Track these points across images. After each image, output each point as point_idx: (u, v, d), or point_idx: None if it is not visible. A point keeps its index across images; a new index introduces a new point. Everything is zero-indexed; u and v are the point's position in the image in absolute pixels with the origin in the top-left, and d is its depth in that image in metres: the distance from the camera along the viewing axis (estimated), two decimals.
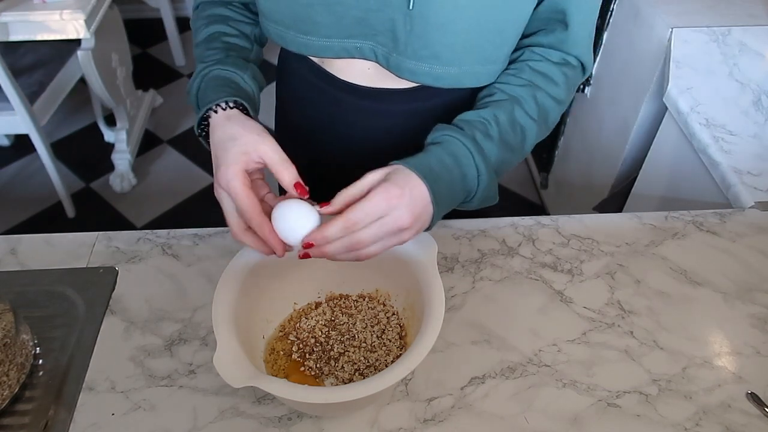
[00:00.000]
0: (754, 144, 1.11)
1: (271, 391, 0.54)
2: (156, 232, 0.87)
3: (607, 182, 1.61)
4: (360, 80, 0.75)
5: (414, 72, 0.69)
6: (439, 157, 0.62)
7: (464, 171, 0.63)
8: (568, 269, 0.83)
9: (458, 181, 0.63)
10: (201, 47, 0.74)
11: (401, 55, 0.68)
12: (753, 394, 0.70)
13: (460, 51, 0.67)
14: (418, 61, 0.68)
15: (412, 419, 0.67)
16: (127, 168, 2.26)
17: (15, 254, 0.83)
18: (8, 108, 1.82)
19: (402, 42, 0.67)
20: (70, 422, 0.65)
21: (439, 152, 0.62)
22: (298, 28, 0.69)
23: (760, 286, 0.82)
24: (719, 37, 1.27)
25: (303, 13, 0.67)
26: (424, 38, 0.65)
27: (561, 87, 0.71)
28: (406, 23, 0.65)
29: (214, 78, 0.69)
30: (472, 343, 0.74)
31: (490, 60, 0.69)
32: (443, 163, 0.62)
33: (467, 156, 0.63)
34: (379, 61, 0.70)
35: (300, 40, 0.70)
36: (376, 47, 0.69)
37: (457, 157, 0.63)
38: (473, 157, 0.63)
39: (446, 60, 0.67)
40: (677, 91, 1.24)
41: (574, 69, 0.73)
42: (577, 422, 0.67)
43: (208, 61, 0.71)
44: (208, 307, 0.77)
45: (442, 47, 0.66)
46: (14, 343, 0.66)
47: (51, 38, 1.73)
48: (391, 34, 0.67)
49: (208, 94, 0.67)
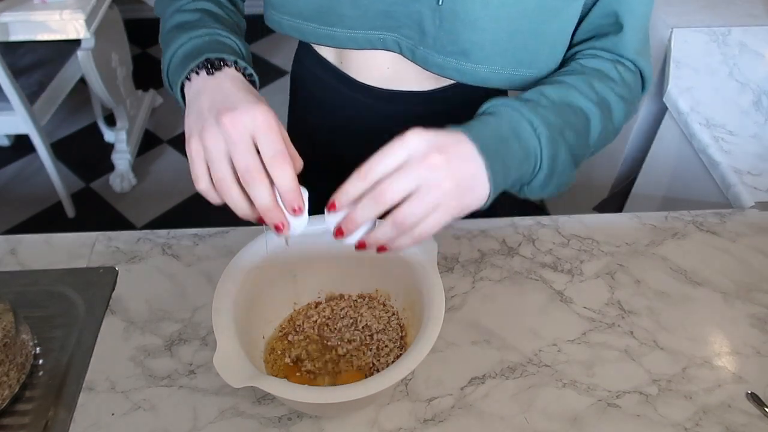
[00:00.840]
0: (754, 144, 1.11)
1: (271, 391, 0.54)
2: (156, 232, 0.87)
3: (607, 182, 1.61)
4: (378, 82, 0.75)
5: (442, 66, 0.67)
6: (494, 125, 0.55)
7: (526, 147, 0.56)
8: (568, 269, 0.83)
9: (515, 150, 0.56)
10: (191, 15, 0.66)
11: (429, 48, 0.67)
12: (753, 394, 0.70)
13: (489, 50, 0.64)
14: (447, 56, 0.66)
15: (412, 419, 0.67)
16: (127, 168, 2.26)
17: (15, 254, 0.83)
18: (8, 108, 1.82)
19: (431, 36, 0.65)
20: (70, 422, 0.65)
21: (496, 121, 0.56)
22: (321, 20, 0.67)
23: (760, 286, 0.82)
24: (719, 37, 1.27)
25: (327, 5, 0.66)
26: (454, 34, 0.64)
27: (619, 84, 0.65)
28: (435, 18, 0.64)
29: (222, 42, 0.61)
30: (472, 343, 0.74)
31: (524, 64, 0.66)
32: (500, 133, 0.55)
33: (529, 130, 0.56)
34: (403, 53, 0.69)
35: (321, 32, 0.68)
36: (401, 39, 0.68)
37: (518, 132, 0.56)
38: (538, 136, 0.56)
39: (475, 58, 0.65)
40: (677, 91, 1.24)
41: (632, 73, 0.68)
42: (577, 422, 0.67)
43: (210, 26, 0.63)
44: (208, 307, 0.77)
45: (471, 44, 0.64)
46: (14, 343, 0.66)
47: (51, 38, 1.73)
48: (417, 27, 0.66)
49: (219, 47, 0.59)
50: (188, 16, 0.65)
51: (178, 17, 0.66)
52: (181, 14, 0.66)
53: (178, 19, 0.66)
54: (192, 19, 0.65)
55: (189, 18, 0.65)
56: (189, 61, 0.59)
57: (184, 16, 0.65)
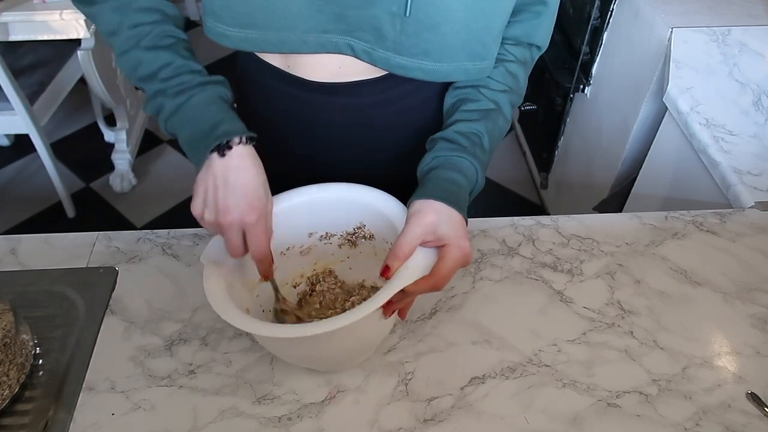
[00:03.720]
0: (754, 144, 1.11)
1: (252, 330, 0.57)
2: (156, 232, 0.87)
3: (607, 182, 1.61)
4: (328, 79, 0.74)
5: (405, 67, 0.70)
6: (455, 181, 0.67)
7: (470, 181, 0.69)
8: (568, 269, 0.83)
9: (467, 189, 0.69)
10: (168, 55, 0.68)
11: (390, 51, 0.68)
12: (753, 394, 0.70)
13: (450, 49, 0.68)
14: (410, 58, 0.69)
15: (412, 419, 0.67)
16: (127, 168, 2.26)
17: (15, 254, 0.83)
18: (8, 108, 1.82)
19: (390, 39, 0.67)
20: (70, 422, 0.65)
21: (453, 175, 0.68)
22: (272, 27, 0.67)
23: (760, 286, 0.82)
24: (719, 37, 1.27)
25: (280, 10, 0.65)
26: (416, 37, 0.67)
27: (522, 85, 0.78)
28: (395, 22, 0.66)
29: (220, 100, 0.67)
30: (472, 343, 0.74)
31: (479, 57, 0.71)
32: (457, 182, 0.67)
33: (472, 170, 0.69)
34: (357, 55, 0.70)
35: (272, 39, 0.68)
36: (354, 42, 0.69)
37: (465, 173, 0.69)
38: (477, 170, 0.69)
39: (436, 57, 0.69)
40: (677, 91, 1.24)
41: (532, 60, 0.79)
42: (577, 422, 0.67)
43: (196, 72, 0.68)
44: (208, 307, 0.77)
45: (433, 45, 0.68)
46: (14, 343, 0.66)
47: (51, 38, 1.73)
48: (374, 31, 0.67)
49: (227, 119, 0.65)
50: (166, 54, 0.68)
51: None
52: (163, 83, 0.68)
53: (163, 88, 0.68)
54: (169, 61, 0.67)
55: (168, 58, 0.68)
56: (200, 143, 0.64)
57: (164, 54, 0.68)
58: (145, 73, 0.67)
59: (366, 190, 0.71)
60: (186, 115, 0.66)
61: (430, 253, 0.64)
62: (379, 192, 0.71)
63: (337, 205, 0.72)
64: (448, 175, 0.67)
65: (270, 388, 0.69)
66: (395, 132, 0.81)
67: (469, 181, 0.68)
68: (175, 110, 0.66)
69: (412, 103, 0.79)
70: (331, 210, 0.72)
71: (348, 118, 0.79)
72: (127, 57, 0.68)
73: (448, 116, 0.74)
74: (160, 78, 0.66)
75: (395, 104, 0.78)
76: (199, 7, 3.16)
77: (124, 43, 0.67)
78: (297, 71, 0.75)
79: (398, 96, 0.78)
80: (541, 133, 2.10)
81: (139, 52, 0.67)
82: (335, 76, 0.74)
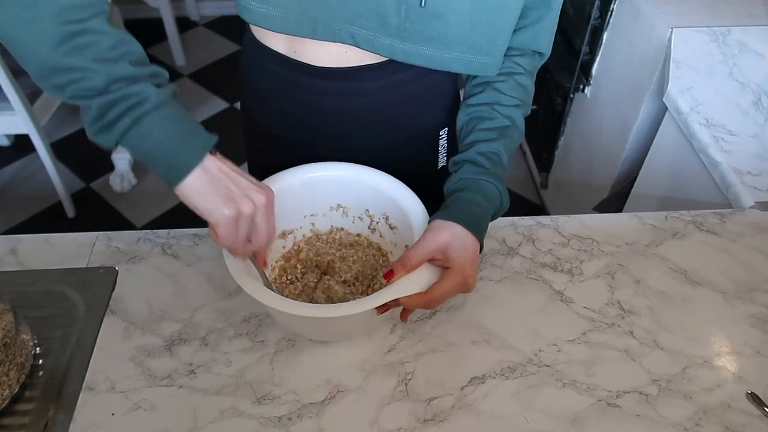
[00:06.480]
0: (754, 144, 1.11)
1: (270, 304, 0.62)
2: (156, 232, 0.87)
3: (607, 182, 1.61)
4: (335, 64, 0.76)
5: (406, 53, 0.72)
6: (478, 203, 0.69)
7: (493, 204, 0.71)
8: (568, 269, 0.83)
9: (489, 213, 0.71)
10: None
11: (392, 37, 0.70)
12: (753, 394, 0.70)
13: (453, 39, 0.70)
14: (412, 44, 0.71)
15: (412, 419, 0.67)
16: (127, 168, 2.26)
17: (15, 254, 0.83)
18: (8, 108, 1.82)
19: (393, 26, 0.69)
20: (70, 422, 0.65)
21: (476, 198, 0.70)
22: (292, 8, 0.70)
23: (760, 286, 0.82)
24: (719, 37, 1.27)
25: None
26: (420, 25, 0.69)
27: (531, 95, 0.80)
28: (400, 9, 0.67)
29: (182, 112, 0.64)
30: (472, 343, 0.74)
31: (482, 51, 0.72)
32: (481, 206, 0.69)
33: (496, 193, 0.71)
34: (358, 44, 0.71)
35: (293, 19, 0.71)
36: (356, 30, 0.70)
37: (489, 197, 0.71)
38: (501, 194, 0.71)
39: (439, 45, 0.71)
40: (677, 91, 1.24)
41: (536, 69, 0.81)
42: (577, 422, 0.67)
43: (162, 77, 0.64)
44: (208, 307, 0.77)
45: (437, 33, 0.70)
46: (14, 343, 0.66)
47: None
48: (378, 18, 0.69)
49: (197, 127, 0.63)
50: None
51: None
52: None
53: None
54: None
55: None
56: (191, 144, 0.61)
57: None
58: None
59: (372, 173, 0.77)
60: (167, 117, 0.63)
61: (433, 272, 0.66)
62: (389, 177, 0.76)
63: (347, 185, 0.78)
64: (471, 197, 0.69)
65: (270, 388, 0.69)
66: (396, 118, 0.82)
67: (492, 203, 0.70)
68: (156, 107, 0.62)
69: (414, 90, 0.80)
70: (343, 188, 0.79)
71: (349, 103, 0.80)
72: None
73: (465, 135, 0.76)
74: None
75: (396, 89, 0.80)
76: (199, 7, 3.16)
77: None
78: (303, 57, 0.76)
79: (400, 82, 0.79)
80: (541, 133, 2.10)
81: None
82: (340, 61, 0.75)
